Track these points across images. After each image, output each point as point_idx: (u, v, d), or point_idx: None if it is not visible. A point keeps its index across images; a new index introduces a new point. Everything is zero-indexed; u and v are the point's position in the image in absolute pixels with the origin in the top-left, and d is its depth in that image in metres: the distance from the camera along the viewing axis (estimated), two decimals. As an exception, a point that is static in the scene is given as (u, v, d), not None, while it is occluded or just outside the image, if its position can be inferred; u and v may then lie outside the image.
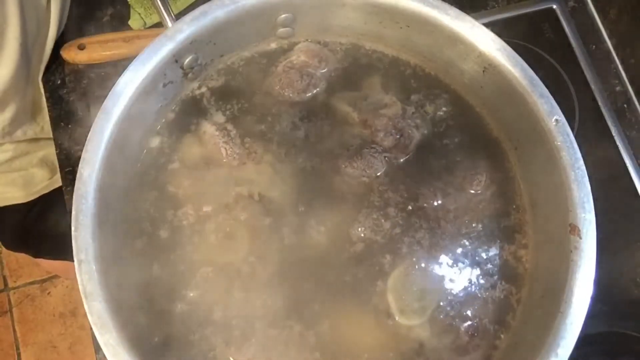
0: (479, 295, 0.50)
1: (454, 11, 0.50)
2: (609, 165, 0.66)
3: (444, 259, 0.51)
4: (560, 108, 0.48)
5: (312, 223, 0.51)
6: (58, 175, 0.76)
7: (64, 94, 0.66)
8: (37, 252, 0.92)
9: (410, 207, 0.52)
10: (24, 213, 0.81)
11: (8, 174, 0.74)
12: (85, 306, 0.42)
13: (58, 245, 0.85)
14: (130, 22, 0.67)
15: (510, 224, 0.53)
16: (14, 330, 1.43)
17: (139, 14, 0.67)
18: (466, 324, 0.49)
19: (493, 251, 0.52)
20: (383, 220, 0.51)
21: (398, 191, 0.52)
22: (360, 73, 0.56)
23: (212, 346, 0.47)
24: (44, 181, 0.78)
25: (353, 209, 0.51)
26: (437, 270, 0.50)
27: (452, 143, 0.54)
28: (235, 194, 0.51)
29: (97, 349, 0.54)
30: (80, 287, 0.42)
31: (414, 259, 0.50)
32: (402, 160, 0.53)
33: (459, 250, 0.51)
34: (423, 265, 0.50)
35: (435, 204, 0.52)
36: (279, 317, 0.48)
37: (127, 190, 0.50)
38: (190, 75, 0.52)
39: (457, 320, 0.49)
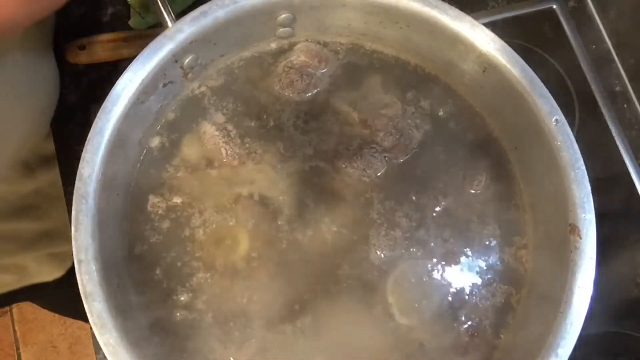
0: (479, 295, 0.50)
1: (454, 11, 0.50)
2: (609, 165, 0.66)
3: (444, 259, 0.51)
4: (560, 108, 0.48)
5: (312, 223, 0.51)
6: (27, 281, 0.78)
7: (64, 94, 0.65)
8: None
9: (409, 207, 0.52)
10: None
11: None
12: (85, 306, 0.42)
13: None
14: (130, 22, 0.67)
15: (510, 224, 0.53)
16: (14, 330, 1.43)
17: (139, 14, 0.67)
18: (466, 324, 0.49)
19: (493, 251, 0.52)
20: (383, 221, 0.51)
21: (398, 191, 0.52)
22: (360, 73, 0.56)
23: (212, 346, 0.47)
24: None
25: (353, 209, 0.51)
26: (437, 270, 0.50)
27: (452, 143, 0.54)
28: (235, 194, 0.51)
29: (97, 349, 0.54)
30: (80, 287, 0.42)
31: (414, 259, 0.50)
32: (402, 160, 0.53)
33: (459, 250, 0.51)
34: (423, 265, 0.50)
35: (435, 204, 0.52)
36: (279, 317, 0.48)
37: (127, 190, 0.50)
38: (190, 75, 0.52)
39: (457, 320, 0.49)
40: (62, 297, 0.86)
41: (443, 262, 0.51)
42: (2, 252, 0.74)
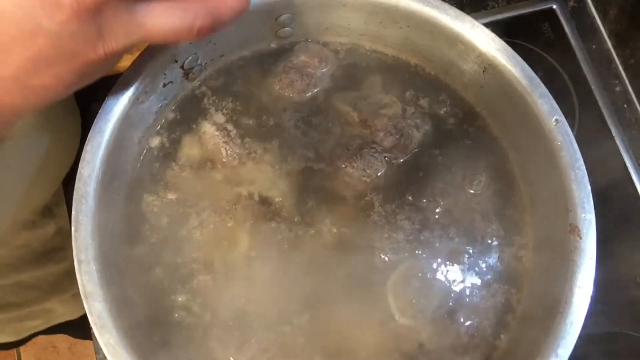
0: (479, 295, 0.50)
1: (454, 11, 0.50)
2: (609, 165, 0.66)
3: (444, 259, 0.51)
4: (560, 108, 0.48)
5: (313, 224, 0.51)
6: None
7: (64, 94, 0.65)
8: None
9: (409, 208, 0.52)
10: None
11: None
12: (85, 306, 0.42)
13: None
14: (130, 22, 0.67)
15: (510, 224, 0.53)
16: (14, 330, 1.42)
17: (139, 14, 0.67)
18: (466, 324, 0.49)
19: (493, 251, 0.52)
20: (384, 223, 0.51)
21: (398, 191, 0.52)
22: (360, 73, 0.56)
23: (212, 346, 0.47)
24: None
25: (354, 210, 0.51)
26: (437, 270, 0.50)
27: (452, 143, 0.54)
28: (235, 194, 0.51)
29: (97, 349, 0.54)
30: (80, 287, 0.42)
31: (414, 259, 0.50)
32: (402, 160, 0.53)
33: (459, 250, 0.51)
34: (423, 265, 0.50)
35: (435, 204, 0.52)
36: (278, 317, 0.48)
37: (126, 190, 0.50)
38: (190, 75, 0.52)
39: (457, 320, 0.49)
40: (86, 328, 0.88)
41: (443, 263, 0.51)
42: (28, 300, 0.74)
